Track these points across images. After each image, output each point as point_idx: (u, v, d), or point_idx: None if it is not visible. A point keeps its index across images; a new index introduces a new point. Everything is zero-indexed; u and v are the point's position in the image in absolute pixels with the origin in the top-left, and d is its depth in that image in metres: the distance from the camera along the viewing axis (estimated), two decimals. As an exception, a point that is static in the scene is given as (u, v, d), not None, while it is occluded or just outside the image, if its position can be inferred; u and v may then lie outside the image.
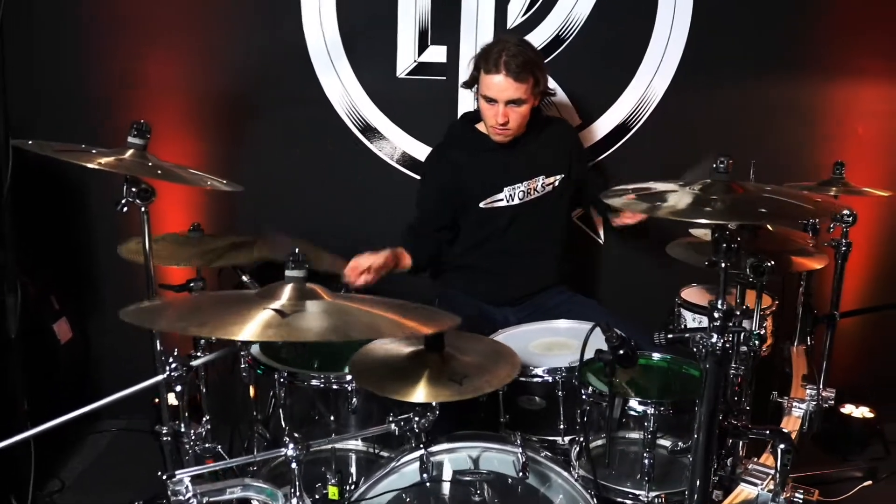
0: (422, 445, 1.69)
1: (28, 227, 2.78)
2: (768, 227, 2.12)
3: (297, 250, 1.44)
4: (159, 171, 1.60)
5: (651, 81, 2.91)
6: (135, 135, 1.66)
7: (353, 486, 1.82)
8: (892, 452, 3.03)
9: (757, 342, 1.81)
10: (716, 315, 1.39)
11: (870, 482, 2.83)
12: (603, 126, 2.97)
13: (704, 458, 1.48)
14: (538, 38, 2.86)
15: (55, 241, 3.01)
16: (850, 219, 2.04)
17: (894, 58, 2.91)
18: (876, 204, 2.84)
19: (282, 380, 2.00)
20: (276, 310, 1.33)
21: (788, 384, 2.48)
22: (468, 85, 2.56)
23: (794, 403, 2.18)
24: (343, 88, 2.93)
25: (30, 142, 1.58)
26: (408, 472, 1.70)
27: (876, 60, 2.91)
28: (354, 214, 3.01)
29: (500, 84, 2.34)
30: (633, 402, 1.68)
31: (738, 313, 1.35)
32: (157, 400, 2.94)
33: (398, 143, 2.98)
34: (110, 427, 3.09)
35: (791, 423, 2.12)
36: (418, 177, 2.90)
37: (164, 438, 1.79)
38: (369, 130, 2.97)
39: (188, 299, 1.54)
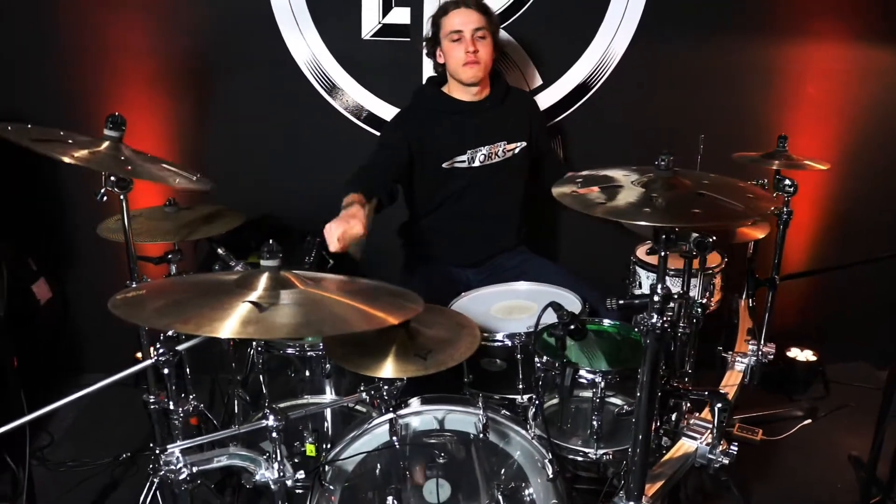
0: (391, 409, 1.84)
1: (4, 192, 2.84)
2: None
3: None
4: (129, 168, 1.67)
5: (611, 42, 2.98)
6: (110, 127, 1.72)
7: (328, 445, 1.97)
8: (832, 391, 3.27)
9: (700, 310, 1.96)
10: (655, 298, 1.53)
11: (809, 420, 3.07)
12: (564, 86, 3.05)
13: (646, 421, 1.63)
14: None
15: (33, 206, 3.07)
16: (792, 189, 2.18)
17: (847, 18, 3.01)
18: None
19: (259, 349, 2.13)
20: (253, 303, 1.44)
21: (735, 335, 2.66)
22: (429, 45, 2.65)
23: (737, 358, 2.35)
24: (309, 49, 2.97)
25: (9, 127, 1.63)
26: (379, 433, 1.85)
27: (829, 21, 3.00)
28: (321, 173, 3.06)
29: (464, 15, 2.51)
30: (583, 371, 1.82)
31: (677, 297, 1.48)
32: (138, 355, 3.10)
33: (364, 103, 3.04)
34: (94, 381, 3.20)
35: (733, 377, 2.30)
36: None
37: (152, 406, 1.91)
38: (335, 90, 3.02)
39: (170, 288, 1.62)
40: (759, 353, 2.33)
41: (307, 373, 2.17)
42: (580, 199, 1.48)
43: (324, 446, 2.03)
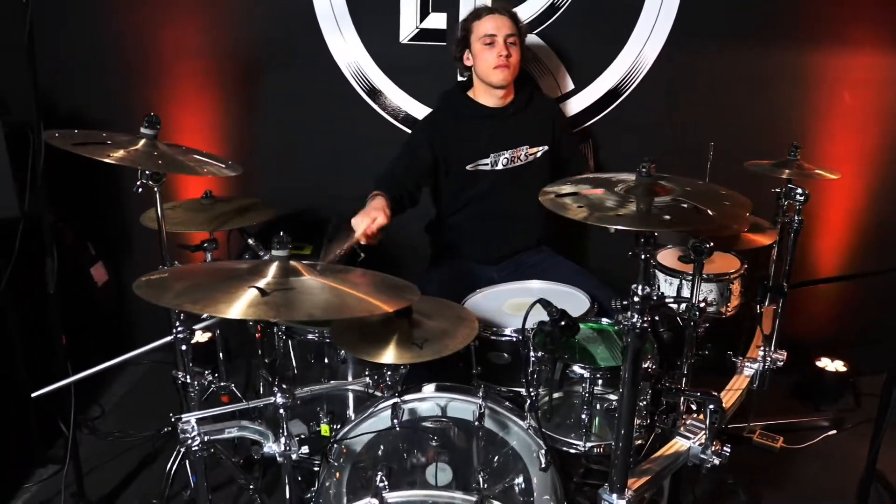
0: (397, 395, 1.96)
1: (66, 181, 3.07)
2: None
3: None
4: (161, 162, 1.85)
5: (643, 48, 3.04)
6: (146, 126, 1.91)
7: (339, 426, 2.10)
8: (864, 404, 3.23)
9: (697, 313, 2.00)
10: (636, 298, 1.60)
11: (834, 431, 3.05)
12: (595, 91, 3.11)
13: (628, 416, 1.71)
14: (535, 5, 3.01)
15: (91, 194, 3.29)
16: (802, 198, 2.21)
17: (882, 25, 2.98)
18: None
19: (279, 333, 2.28)
20: (258, 288, 1.58)
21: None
22: (458, 48, 2.75)
23: (747, 363, 2.38)
24: (350, 53, 3.12)
25: (56, 133, 1.83)
26: (383, 416, 1.97)
27: (863, 28, 2.99)
28: (360, 173, 3.16)
29: (496, 20, 2.64)
30: (575, 367, 1.91)
31: (655, 297, 1.55)
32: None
33: (402, 105, 3.17)
34: (145, 359, 3.43)
35: (739, 382, 2.33)
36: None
37: (179, 381, 2.09)
38: (374, 92, 3.16)
39: (191, 273, 1.78)
40: (768, 359, 2.36)
41: (326, 359, 2.31)
42: (561, 202, 1.56)
43: (336, 427, 2.16)
